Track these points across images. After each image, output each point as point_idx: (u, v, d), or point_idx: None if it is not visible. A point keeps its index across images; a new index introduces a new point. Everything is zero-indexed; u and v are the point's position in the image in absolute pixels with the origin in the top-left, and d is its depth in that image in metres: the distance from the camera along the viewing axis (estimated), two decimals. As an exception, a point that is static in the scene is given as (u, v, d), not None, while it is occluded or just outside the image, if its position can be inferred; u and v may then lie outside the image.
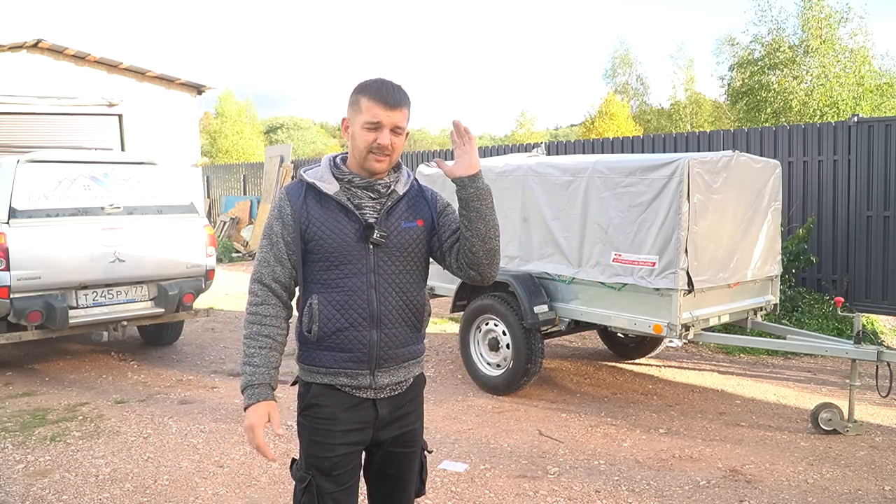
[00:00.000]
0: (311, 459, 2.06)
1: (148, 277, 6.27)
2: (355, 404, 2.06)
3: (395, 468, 2.18)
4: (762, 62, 22.09)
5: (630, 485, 3.91)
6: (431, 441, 4.56)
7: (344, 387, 2.06)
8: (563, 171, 5.39)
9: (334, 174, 2.09)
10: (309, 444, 2.07)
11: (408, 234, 2.11)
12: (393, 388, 2.11)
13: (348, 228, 2.03)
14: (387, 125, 2.00)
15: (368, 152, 2.02)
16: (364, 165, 2.05)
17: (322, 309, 2.03)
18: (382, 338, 2.06)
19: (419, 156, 13.82)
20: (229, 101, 40.95)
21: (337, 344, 2.04)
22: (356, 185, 2.07)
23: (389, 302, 2.07)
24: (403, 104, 2.03)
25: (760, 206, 5.32)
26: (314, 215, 2.04)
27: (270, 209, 2.11)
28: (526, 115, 40.01)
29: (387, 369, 2.08)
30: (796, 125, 8.24)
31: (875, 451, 4.38)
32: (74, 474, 4.14)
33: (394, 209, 2.10)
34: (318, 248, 2.03)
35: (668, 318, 4.72)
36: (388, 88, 2.02)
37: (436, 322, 8.37)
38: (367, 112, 1.99)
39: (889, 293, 7.45)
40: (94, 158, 6.54)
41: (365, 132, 2.00)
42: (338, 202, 2.05)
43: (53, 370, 6.49)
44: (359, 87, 2.05)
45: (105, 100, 11.99)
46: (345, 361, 2.04)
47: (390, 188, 2.10)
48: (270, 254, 2.07)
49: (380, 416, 2.09)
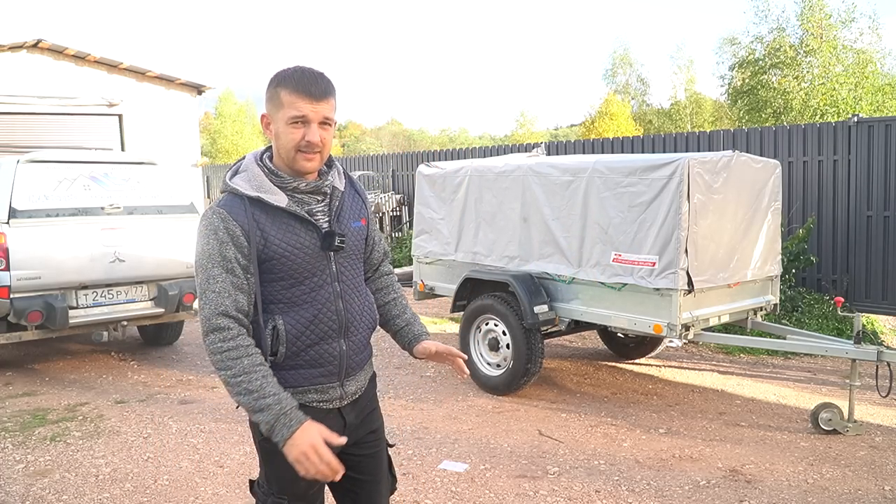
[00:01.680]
0: (286, 485, 1.92)
1: (148, 277, 6.27)
2: (322, 417, 1.90)
3: (368, 473, 2.10)
4: (763, 62, 22.10)
5: (630, 485, 3.91)
6: (431, 441, 4.57)
7: (311, 402, 1.93)
8: (563, 171, 5.39)
9: (274, 182, 1.87)
10: (281, 469, 1.85)
11: (357, 233, 2.02)
12: (354, 392, 2.04)
13: (307, 240, 1.88)
14: (314, 119, 1.81)
15: (297, 151, 1.83)
16: (293, 166, 1.86)
17: (289, 329, 1.87)
18: (350, 346, 1.98)
19: (419, 156, 13.82)
20: (229, 101, 41.00)
21: (306, 361, 1.91)
22: (302, 190, 1.89)
23: (354, 308, 1.99)
24: (329, 94, 1.84)
25: (760, 206, 5.32)
26: (269, 232, 1.84)
27: (205, 234, 1.83)
28: (526, 115, 40.13)
29: (353, 377, 2.02)
30: (796, 125, 8.24)
31: (875, 451, 4.37)
32: (74, 474, 4.14)
33: (341, 210, 1.97)
34: (278, 267, 1.86)
35: (668, 318, 4.72)
36: (311, 77, 1.83)
37: (436, 322, 8.37)
38: (290, 106, 1.80)
39: (889, 293, 7.45)
40: (94, 158, 6.54)
41: (290, 129, 1.81)
42: (290, 213, 1.86)
43: (53, 370, 6.49)
44: (276, 79, 1.85)
45: (105, 100, 11.98)
46: (315, 377, 1.93)
47: (333, 186, 1.96)
48: (228, 282, 1.80)
49: (347, 423, 2.01)
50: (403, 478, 3.99)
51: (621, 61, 33.58)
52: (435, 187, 6.40)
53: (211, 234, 1.82)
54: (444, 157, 13.00)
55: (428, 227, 6.45)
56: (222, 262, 1.80)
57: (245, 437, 4.67)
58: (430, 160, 11.56)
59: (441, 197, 6.33)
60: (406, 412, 5.12)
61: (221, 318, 1.79)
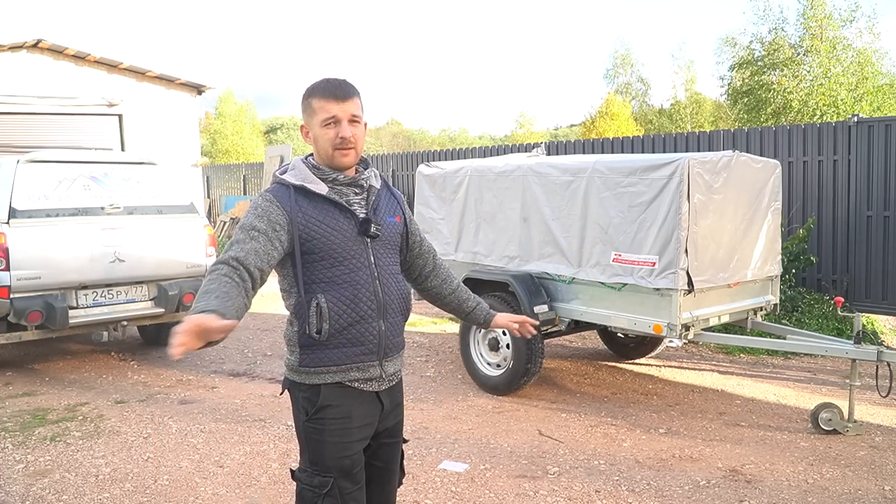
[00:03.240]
0: (332, 461, 2.06)
1: (148, 277, 6.27)
2: (364, 399, 2.12)
3: (382, 460, 2.25)
4: (762, 62, 22.11)
5: (630, 485, 3.92)
6: (431, 441, 4.57)
7: (353, 382, 2.10)
8: (563, 171, 5.39)
9: (316, 175, 2.10)
10: (327, 447, 2.07)
11: (393, 227, 2.20)
12: (391, 378, 2.21)
13: (345, 225, 2.07)
14: (343, 117, 2.04)
15: (334, 149, 2.05)
16: (332, 162, 2.08)
17: (332, 306, 2.03)
18: (388, 327, 2.14)
19: (419, 156, 13.82)
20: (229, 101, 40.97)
21: (348, 339, 2.07)
22: (341, 182, 2.10)
23: (391, 292, 2.15)
24: (353, 94, 2.08)
25: (760, 206, 5.32)
26: (311, 215, 2.05)
27: (248, 212, 2.06)
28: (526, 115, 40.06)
29: (391, 358, 2.19)
30: (796, 125, 8.24)
31: (875, 451, 4.37)
32: (74, 474, 4.14)
33: (377, 204, 2.17)
34: (319, 247, 2.04)
35: (668, 318, 4.72)
36: (335, 83, 2.07)
37: (436, 322, 8.38)
38: (321, 111, 2.04)
39: (889, 293, 7.45)
40: (94, 158, 6.54)
41: (325, 130, 2.05)
42: (330, 201, 2.08)
43: (53, 370, 6.49)
44: (307, 92, 2.10)
45: (105, 100, 11.98)
46: (357, 355, 2.08)
47: (369, 183, 2.16)
48: (247, 245, 1.94)
49: (384, 407, 2.19)
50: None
51: (622, 61, 33.58)
52: (435, 187, 6.40)
53: (252, 211, 2.04)
54: (444, 157, 13.00)
55: (428, 227, 6.45)
56: (251, 230, 1.98)
57: (245, 437, 4.67)
58: (430, 160, 11.56)
59: (441, 197, 6.33)
60: (406, 412, 5.07)
61: (218, 263, 1.92)
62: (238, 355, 7.01)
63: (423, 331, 7.96)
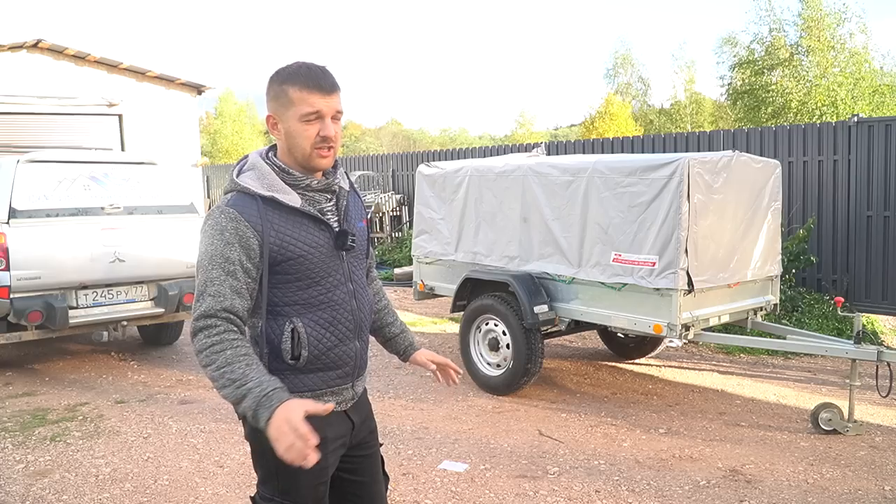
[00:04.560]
0: (306, 490, 1.89)
1: (148, 277, 6.27)
2: (335, 420, 1.91)
3: (366, 474, 2.09)
4: (762, 62, 22.12)
5: (630, 485, 3.91)
6: (431, 441, 4.57)
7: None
8: (563, 171, 5.39)
9: (286, 181, 1.83)
10: (303, 476, 1.83)
11: (361, 233, 2.02)
12: (360, 392, 2.06)
13: (321, 239, 1.85)
14: (327, 114, 1.78)
15: (313, 148, 1.80)
16: (309, 163, 1.83)
17: (310, 331, 1.84)
18: (362, 346, 1.99)
19: (419, 156, 13.82)
20: (229, 102, 41.01)
21: (325, 364, 1.89)
22: (314, 188, 1.87)
23: (364, 308, 1.99)
24: (337, 87, 1.83)
25: (760, 206, 5.32)
26: (284, 232, 1.80)
27: (210, 234, 1.77)
28: (526, 115, 40.12)
29: (361, 377, 2.03)
30: (796, 125, 8.24)
31: (875, 451, 4.37)
32: (74, 474, 4.14)
33: (347, 210, 1.96)
34: (294, 268, 1.81)
35: (668, 318, 4.72)
36: (318, 72, 1.80)
37: (436, 322, 8.38)
38: (302, 103, 1.77)
39: (889, 293, 7.45)
40: (94, 158, 6.54)
41: (304, 126, 1.78)
42: (305, 213, 1.84)
43: (53, 370, 6.49)
44: (280, 77, 1.80)
45: (105, 100, 11.98)
46: (333, 379, 1.92)
47: (339, 186, 1.94)
48: (227, 286, 1.73)
49: (355, 424, 2.01)
50: (403, 478, 4.00)
51: (623, 61, 33.60)
52: (435, 187, 6.40)
53: (216, 235, 1.76)
54: (444, 157, 13.00)
55: (428, 227, 6.45)
56: (224, 263, 1.74)
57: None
58: (430, 160, 11.56)
59: (441, 197, 6.33)
60: (406, 412, 5.12)
61: (209, 318, 1.73)
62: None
63: (423, 331, 7.96)
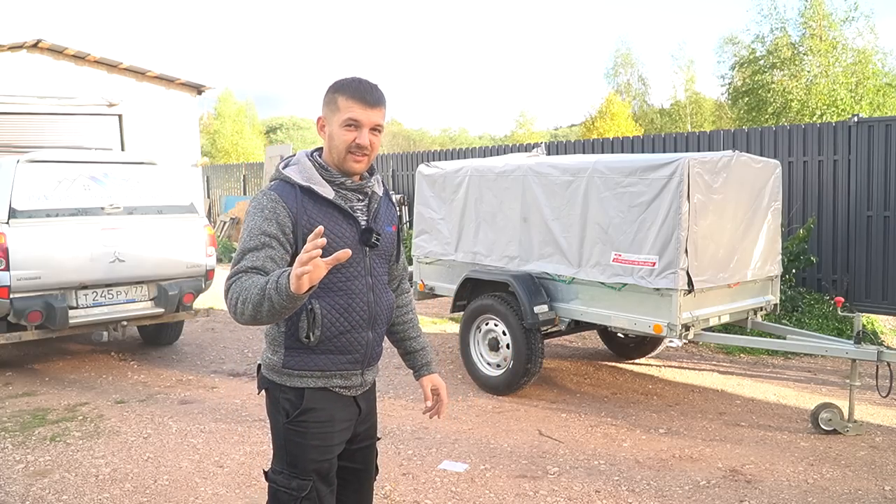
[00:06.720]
0: (312, 464, 2.05)
1: (148, 277, 6.27)
2: (345, 403, 2.12)
3: (361, 462, 2.26)
4: (763, 61, 22.12)
5: (630, 485, 3.91)
6: (431, 441, 4.57)
7: (335, 387, 2.09)
8: (563, 171, 5.39)
9: (323, 176, 2.04)
10: (308, 450, 2.05)
11: (389, 237, 2.18)
12: (370, 382, 2.23)
13: (348, 232, 2.03)
14: (366, 124, 1.98)
15: (347, 152, 2.00)
16: (343, 165, 2.03)
17: (325, 313, 1.99)
18: (375, 337, 2.13)
19: (419, 156, 13.82)
20: (229, 101, 40.95)
21: (336, 347, 2.04)
22: (347, 187, 2.06)
23: (382, 303, 2.14)
24: (381, 103, 2.02)
25: (760, 206, 5.32)
26: (315, 218, 1.98)
27: (252, 213, 1.98)
28: (526, 115, 40.07)
29: (372, 367, 2.19)
30: (796, 125, 8.24)
31: (875, 451, 4.38)
32: (74, 474, 4.14)
33: (378, 212, 2.13)
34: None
35: (668, 318, 4.72)
36: (366, 87, 2.00)
37: (436, 322, 8.38)
38: (346, 111, 1.97)
39: (889, 293, 7.45)
40: (94, 158, 6.53)
41: (344, 131, 1.98)
42: (335, 205, 2.02)
43: (53, 370, 6.49)
44: (335, 86, 2.02)
45: (105, 100, 11.98)
46: (342, 363, 2.07)
47: (372, 190, 2.12)
48: (261, 253, 1.91)
49: (361, 411, 2.18)
50: (403, 478, 4.00)
51: (623, 61, 33.58)
52: (435, 187, 6.40)
53: (257, 213, 1.97)
54: (444, 157, 13.00)
55: (428, 227, 6.45)
56: (260, 235, 1.92)
57: (245, 437, 4.67)
58: (430, 160, 11.55)
59: (441, 197, 6.33)
60: (406, 412, 5.12)
61: (239, 273, 1.88)
62: (238, 355, 7.01)
63: (423, 331, 7.95)
